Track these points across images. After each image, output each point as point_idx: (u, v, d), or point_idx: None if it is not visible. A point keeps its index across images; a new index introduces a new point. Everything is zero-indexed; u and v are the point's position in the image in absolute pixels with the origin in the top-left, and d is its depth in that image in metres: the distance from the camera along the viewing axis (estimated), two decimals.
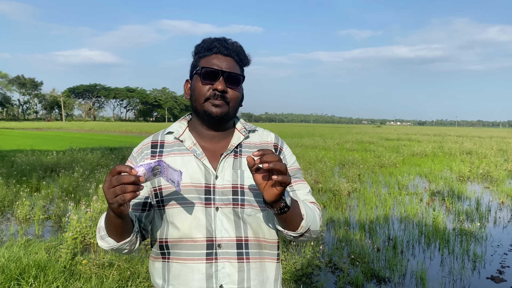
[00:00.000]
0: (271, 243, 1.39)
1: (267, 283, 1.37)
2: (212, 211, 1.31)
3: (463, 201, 9.16)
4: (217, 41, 1.36)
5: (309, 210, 1.31)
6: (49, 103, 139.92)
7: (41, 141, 26.94)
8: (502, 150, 24.04)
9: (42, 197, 8.05)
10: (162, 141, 1.43)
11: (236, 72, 1.36)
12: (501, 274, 5.04)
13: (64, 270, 4.31)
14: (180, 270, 1.33)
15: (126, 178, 1.09)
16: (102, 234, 1.30)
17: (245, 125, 1.47)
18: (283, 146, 1.48)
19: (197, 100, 1.36)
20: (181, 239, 1.32)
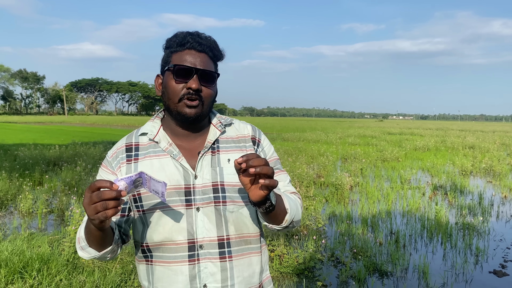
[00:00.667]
0: (255, 236, 1.39)
1: (253, 277, 1.37)
2: (193, 212, 1.29)
3: (465, 196, 9.15)
4: (190, 36, 1.31)
5: (292, 203, 1.32)
6: (51, 97, 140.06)
7: (44, 135, 27.00)
8: (505, 145, 23.96)
9: (45, 191, 8.08)
10: (136, 143, 1.38)
11: (210, 70, 1.32)
12: (503, 268, 5.03)
13: (67, 264, 4.33)
14: (163, 273, 1.32)
15: (107, 194, 1.05)
16: (82, 245, 1.27)
17: (220, 119, 1.43)
18: (261, 138, 1.45)
19: (171, 99, 1.31)
20: (163, 243, 1.31)
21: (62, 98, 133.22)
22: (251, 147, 1.41)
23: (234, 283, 1.32)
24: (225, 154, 1.36)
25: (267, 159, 1.39)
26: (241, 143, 1.41)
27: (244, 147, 1.40)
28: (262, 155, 1.42)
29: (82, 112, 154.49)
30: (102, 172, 1.40)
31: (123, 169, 1.35)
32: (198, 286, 1.29)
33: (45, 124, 51.70)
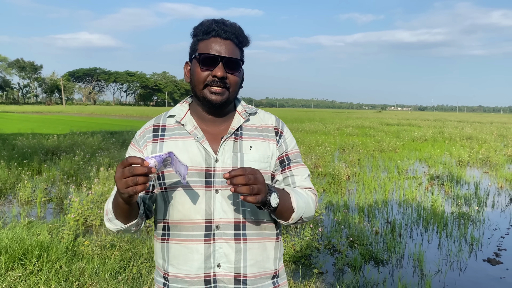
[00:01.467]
0: (270, 223, 1.42)
1: (267, 262, 1.41)
2: (212, 193, 1.34)
3: (462, 186, 9.22)
4: (215, 24, 1.34)
5: (301, 201, 1.34)
6: (49, 87, 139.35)
7: (42, 124, 26.95)
8: (502, 136, 24.05)
9: (43, 179, 8.11)
10: (163, 124, 1.44)
11: (235, 57, 1.34)
12: (497, 256, 5.11)
13: (66, 251, 4.38)
14: (179, 251, 1.36)
15: (139, 170, 1.11)
16: (109, 216, 1.33)
17: (245, 107, 1.47)
18: (284, 130, 1.48)
19: (197, 86, 1.36)
20: (181, 221, 1.35)
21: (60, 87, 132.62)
22: (273, 137, 1.44)
23: (246, 265, 1.36)
24: (247, 141, 1.40)
25: (287, 152, 1.45)
26: (264, 132, 1.44)
27: (266, 137, 1.43)
28: (283, 146, 1.45)
29: (80, 102, 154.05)
30: (130, 150, 1.46)
31: (148, 148, 1.41)
32: (212, 265, 1.34)
33: (43, 113, 51.56)
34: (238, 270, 1.35)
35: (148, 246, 4.64)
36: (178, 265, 1.37)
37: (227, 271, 1.34)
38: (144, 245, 4.69)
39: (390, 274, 4.53)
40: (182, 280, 1.37)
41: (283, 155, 1.44)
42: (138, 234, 5.12)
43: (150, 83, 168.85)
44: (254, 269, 1.37)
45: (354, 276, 4.38)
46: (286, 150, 1.45)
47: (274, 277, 1.44)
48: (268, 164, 1.40)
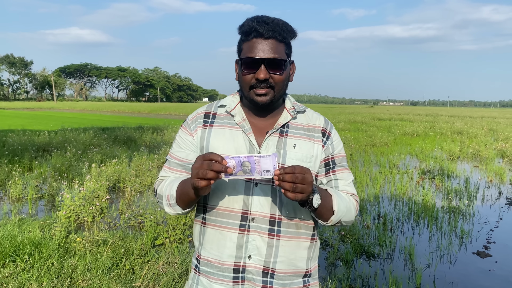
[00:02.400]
0: (307, 224, 1.42)
1: (299, 261, 1.42)
2: (251, 186, 1.37)
3: (452, 180, 9.31)
4: (256, 23, 1.32)
5: (343, 205, 1.35)
6: (39, 83, 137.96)
7: (32, 121, 26.71)
8: (493, 130, 24.28)
9: (34, 176, 8.05)
10: (214, 112, 1.48)
11: (278, 56, 1.33)
12: (486, 249, 5.18)
13: (58, 248, 4.37)
14: (214, 236, 1.40)
15: (216, 166, 1.16)
16: (171, 202, 1.38)
17: (295, 105, 1.49)
18: (332, 132, 1.48)
19: (243, 87, 1.39)
20: (220, 207, 1.39)
21: (51, 83, 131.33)
22: (319, 138, 1.45)
23: (276, 261, 1.38)
24: (292, 139, 1.41)
25: (333, 155, 1.46)
26: (310, 132, 1.45)
27: (312, 137, 1.44)
28: (330, 149, 1.46)
29: (71, 98, 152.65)
30: (181, 133, 1.50)
31: (198, 132, 1.46)
32: (243, 255, 1.37)
33: (33, 110, 51.07)
34: (267, 264, 1.37)
35: (140, 242, 4.64)
36: (211, 249, 1.41)
37: (256, 263, 1.37)
38: (137, 241, 4.69)
39: (382, 267, 4.58)
40: (212, 265, 1.41)
41: (329, 158, 1.45)
42: (130, 231, 5.10)
43: (142, 78, 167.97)
44: (283, 266, 1.39)
45: (346, 270, 4.42)
46: (332, 153, 1.46)
47: (306, 276, 1.45)
48: (311, 164, 1.41)
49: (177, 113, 45.90)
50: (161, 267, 4.08)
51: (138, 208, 6.07)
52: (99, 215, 5.90)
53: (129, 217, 5.79)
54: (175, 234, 4.98)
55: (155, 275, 3.92)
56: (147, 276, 3.87)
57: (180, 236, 4.99)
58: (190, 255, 4.40)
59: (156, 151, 11.57)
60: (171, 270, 4.00)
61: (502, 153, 13.91)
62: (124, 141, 14.47)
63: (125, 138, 14.86)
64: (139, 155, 10.05)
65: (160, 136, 16.29)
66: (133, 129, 18.43)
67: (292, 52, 1.44)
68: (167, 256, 4.34)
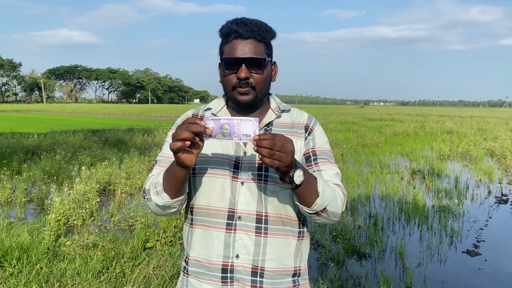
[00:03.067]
0: (293, 220, 1.42)
1: (287, 259, 1.41)
2: (238, 184, 1.38)
3: (442, 179, 9.38)
4: (235, 24, 1.36)
5: (328, 189, 1.31)
6: (28, 85, 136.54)
7: (21, 123, 26.43)
8: (482, 129, 24.53)
9: (23, 180, 7.97)
10: (202, 115, 1.50)
11: (258, 55, 1.36)
12: (476, 248, 5.22)
13: (47, 252, 4.32)
14: (202, 236, 1.41)
15: (194, 127, 1.14)
16: (158, 189, 1.32)
17: (279, 104, 1.51)
18: (315, 127, 1.49)
19: (226, 88, 1.41)
20: (207, 207, 1.40)
21: (40, 85, 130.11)
22: (302, 133, 1.47)
23: (265, 259, 1.37)
24: None
25: (314, 148, 1.45)
26: (294, 129, 1.47)
27: (296, 133, 1.46)
28: (310, 143, 1.46)
29: (61, 100, 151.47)
30: (171, 134, 1.48)
31: None
32: (231, 255, 1.37)
33: (22, 112, 50.54)
34: (256, 262, 1.37)
35: (131, 245, 4.61)
36: (199, 249, 1.41)
37: (245, 262, 1.37)
38: (127, 244, 4.65)
39: (373, 267, 4.59)
40: (201, 265, 1.41)
41: (309, 151, 1.45)
42: (121, 234, 5.06)
43: (132, 80, 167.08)
44: (272, 264, 1.38)
45: (337, 270, 4.43)
46: (313, 147, 1.45)
47: (295, 275, 1.44)
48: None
49: (168, 115, 45.72)
50: (152, 270, 4.05)
51: (129, 211, 6.02)
52: (89, 218, 5.85)
53: (119, 220, 5.75)
54: (166, 237, 4.96)
55: (146, 278, 3.89)
56: (138, 279, 3.84)
57: (171, 239, 4.96)
58: (181, 258, 4.38)
59: (147, 153, 11.50)
60: (162, 273, 3.98)
61: (491, 152, 14.05)
62: (115, 143, 14.38)
63: (115, 140, 14.76)
64: (129, 157, 9.99)
65: (151, 138, 16.21)
66: (123, 131, 18.32)
67: (273, 53, 1.46)
68: (158, 259, 4.31)
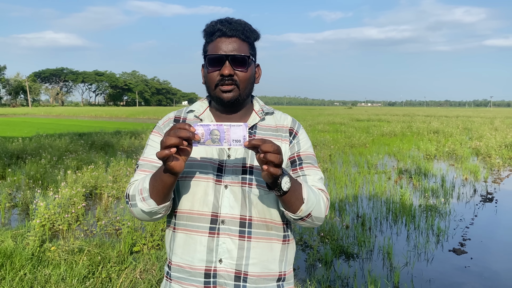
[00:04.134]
0: (277, 224, 1.41)
1: (271, 263, 1.39)
2: (221, 188, 1.35)
3: (429, 179, 9.47)
4: (219, 23, 1.36)
5: (313, 195, 1.31)
6: (13, 88, 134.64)
7: (6, 127, 26.04)
8: (467, 129, 24.86)
9: (7, 184, 7.84)
10: (184, 117, 1.48)
11: (241, 53, 1.35)
12: (462, 246, 5.27)
13: (32, 257, 4.24)
14: (184, 241, 1.37)
15: (183, 133, 1.12)
16: (144, 195, 1.29)
17: (263, 107, 1.49)
18: (299, 131, 1.49)
19: (209, 86, 1.39)
20: (189, 211, 1.37)
21: (25, 89, 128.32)
22: (287, 137, 1.45)
23: (249, 263, 1.35)
24: None
25: (299, 152, 1.44)
26: (278, 132, 1.45)
27: (280, 136, 1.44)
28: (295, 147, 1.45)
29: (47, 104, 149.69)
30: (153, 137, 1.47)
31: None
32: (214, 259, 1.34)
33: (7, 116, 49.81)
34: (239, 267, 1.34)
35: (117, 249, 4.56)
36: (181, 254, 1.38)
37: (228, 267, 1.34)
38: (114, 248, 4.60)
39: (361, 267, 4.61)
40: (183, 270, 1.38)
41: (295, 155, 1.44)
42: (107, 238, 5.00)
43: (119, 82, 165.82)
44: (256, 268, 1.36)
45: (325, 271, 4.43)
46: (298, 151, 1.45)
47: (280, 280, 1.42)
48: None
49: (156, 117, 45.46)
50: (139, 274, 4.01)
51: (116, 215, 5.96)
52: (75, 222, 5.77)
53: (106, 224, 5.68)
54: (153, 240, 4.91)
55: (133, 283, 3.85)
56: (124, 284, 3.80)
57: (158, 242, 4.92)
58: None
59: (134, 156, 11.41)
60: (148, 277, 3.94)
61: (477, 151, 14.24)
62: (101, 147, 14.24)
63: (102, 144, 14.62)
64: (116, 161, 9.89)
65: (138, 141, 16.08)
66: (110, 134, 18.16)
67: (256, 55, 1.45)
68: (145, 263, 4.26)
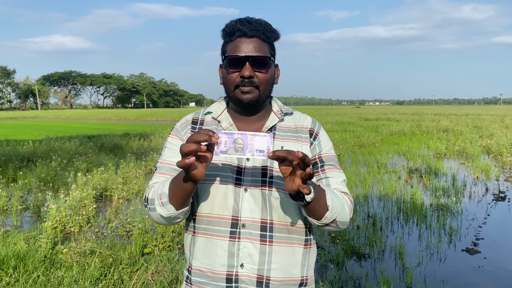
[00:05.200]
0: (299, 228, 1.38)
1: (294, 268, 1.37)
2: (241, 191, 1.33)
3: (439, 178, 9.39)
4: (239, 23, 1.33)
5: (337, 201, 1.28)
6: (23, 92, 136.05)
7: (16, 131, 26.30)
8: (477, 127, 24.61)
9: (19, 187, 7.91)
10: (202, 119, 1.46)
11: (262, 54, 1.32)
12: (475, 246, 5.21)
13: (44, 260, 4.27)
14: (205, 245, 1.35)
15: (201, 136, 1.09)
16: (163, 200, 1.26)
17: (281, 107, 1.47)
18: (320, 132, 1.46)
19: (228, 87, 1.36)
20: (209, 215, 1.35)
21: (35, 92, 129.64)
22: (307, 138, 1.42)
23: (270, 268, 1.32)
24: (280, 141, 1.39)
25: (321, 154, 1.42)
26: (298, 133, 1.42)
27: (300, 138, 1.42)
28: (317, 148, 1.42)
29: (56, 106, 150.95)
30: (172, 140, 1.45)
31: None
32: (236, 264, 1.32)
33: (17, 119, 50.31)
34: (261, 272, 1.32)
35: (128, 251, 4.57)
36: (202, 259, 1.36)
37: (250, 272, 1.32)
38: (125, 250, 4.61)
39: (372, 268, 4.57)
40: (204, 275, 1.36)
41: (316, 157, 1.41)
42: (118, 240, 5.02)
43: (127, 85, 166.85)
44: (278, 273, 1.33)
45: (337, 271, 4.41)
46: (320, 153, 1.42)
47: (302, 285, 1.40)
48: None
49: (164, 119, 45.64)
50: (151, 276, 4.02)
51: (126, 216, 5.98)
52: (86, 224, 5.80)
53: (117, 226, 5.70)
54: (164, 242, 4.92)
55: (145, 285, 3.85)
56: (136, 285, 3.81)
57: (169, 244, 4.93)
58: (180, 263, 4.35)
59: (143, 157, 11.46)
60: (160, 279, 3.94)
61: (488, 149, 14.09)
62: (111, 149, 14.32)
63: (111, 146, 14.70)
64: (126, 163, 9.94)
65: (147, 143, 16.15)
66: (119, 136, 18.25)
67: (276, 55, 1.42)
68: (156, 264, 4.27)
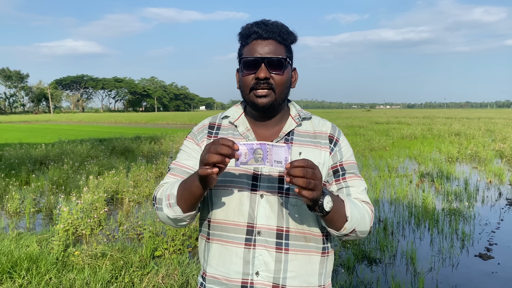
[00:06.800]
0: (316, 236, 1.35)
1: (311, 277, 1.34)
2: (257, 197, 1.31)
3: (451, 182, 9.28)
4: (255, 26, 1.32)
5: (356, 211, 1.26)
6: (36, 96, 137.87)
7: (29, 134, 26.64)
8: (490, 131, 24.31)
9: (32, 190, 8.00)
10: (219, 124, 1.45)
11: (278, 56, 1.30)
12: (489, 251, 5.14)
13: (56, 262, 4.31)
14: (219, 252, 1.34)
15: (225, 150, 1.09)
16: (171, 201, 1.27)
17: (300, 112, 1.44)
18: (340, 138, 1.42)
19: (244, 91, 1.35)
20: (224, 221, 1.33)
21: (47, 96, 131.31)
22: (326, 144, 1.39)
23: (286, 276, 1.30)
24: (297, 146, 1.36)
25: (342, 161, 1.38)
26: (317, 139, 1.39)
27: (319, 143, 1.38)
28: (338, 155, 1.39)
29: (68, 110, 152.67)
30: (187, 143, 1.46)
31: (204, 143, 1.42)
32: (251, 272, 1.30)
33: (30, 123, 50.96)
34: (277, 280, 1.29)
35: (139, 254, 4.59)
36: (216, 266, 1.34)
37: (265, 280, 1.29)
38: (136, 253, 4.64)
39: (384, 273, 4.53)
40: (219, 282, 1.35)
41: (337, 165, 1.38)
42: (129, 243, 5.05)
43: (138, 88, 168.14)
44: (295, 282, 1.31)
45: (347, 276, 4.37)
46: (341, 160, 1.38)
47: None
48: None
49: (175, 122, 45.88)
50: (161, 279, 4.03)
51: (137, 220, 6.01)
52: (97, 227, 5.85)
53: (127, 229, 5.74)
54: (175, 245, 4.93)
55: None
56: None
57: (180, 247, 4.94)
58: (190, 266, 4.35)
59: (154, 161, 11.52)
60: (171, 282, 3.95)
61: (501, 153, 13.90)
62: (122, 152, 14.43)
63: (122, 149, 14.82)
64: (137, 166, 10.01)
65: (157, 146, 16.24)
66: (130, 139, 18.38)
67: (293, 58, 1.39)
68: (166, 267, 4.28)
